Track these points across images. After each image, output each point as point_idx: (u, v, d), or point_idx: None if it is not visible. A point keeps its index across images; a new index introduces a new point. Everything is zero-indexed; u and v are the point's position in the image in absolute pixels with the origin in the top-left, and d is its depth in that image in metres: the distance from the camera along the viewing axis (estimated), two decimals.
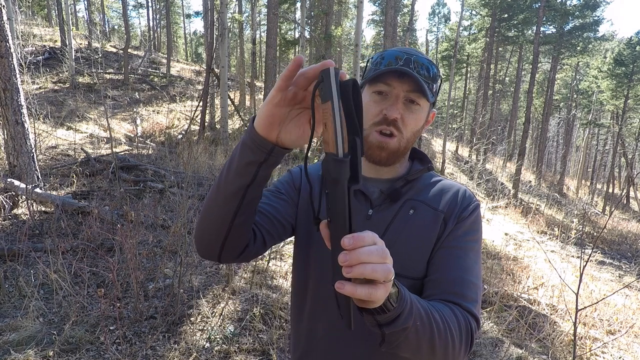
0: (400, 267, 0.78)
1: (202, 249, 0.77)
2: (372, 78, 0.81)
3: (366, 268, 0.46)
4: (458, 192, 0.85)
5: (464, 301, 0.72)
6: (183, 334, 2.61)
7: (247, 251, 0.78)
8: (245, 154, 0.66)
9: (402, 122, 0.80)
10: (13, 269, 3.09)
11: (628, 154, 21.40)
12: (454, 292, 0.73)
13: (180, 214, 3.44)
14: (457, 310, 0.70)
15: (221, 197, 0.70)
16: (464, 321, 0.69)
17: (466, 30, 26.39)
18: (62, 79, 12.81)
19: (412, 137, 0.83)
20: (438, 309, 0.66)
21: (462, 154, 19.56)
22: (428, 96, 0.79)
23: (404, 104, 0.80)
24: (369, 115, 0.82)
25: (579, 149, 35.76)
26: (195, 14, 31.06)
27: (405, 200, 0.83)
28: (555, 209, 13.86)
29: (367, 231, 0.49)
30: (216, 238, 0.73)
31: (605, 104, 24.05)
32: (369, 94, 0.83)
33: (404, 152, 0.85)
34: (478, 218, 0.84)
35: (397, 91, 0.79)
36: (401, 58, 0.79)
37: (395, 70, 0.78)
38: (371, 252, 0.47)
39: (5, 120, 4.24)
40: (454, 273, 0.75)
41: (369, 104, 0.82)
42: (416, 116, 0.82)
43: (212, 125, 12.50)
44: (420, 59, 0.80)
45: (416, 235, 0.80)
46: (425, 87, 0.78)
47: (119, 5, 28.41)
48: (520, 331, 3.41)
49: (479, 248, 0.82)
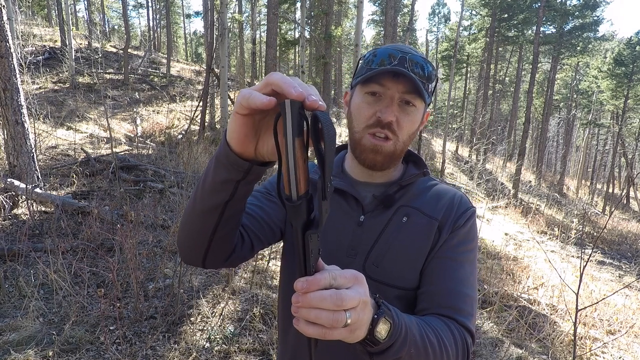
0: (391, 277, 0.75)
1: (185, 257, 0.74)
2: (364, 79, 0.76)
3: (310, 314, 0.45)
4: (453, 198, 0.81)
5: (459, 315, 0.70)
6: (183, 334, 2.61)
7: (234, 257, 0.75)
8: (220, 172, 0.59)
9: (397, 125, 0.75)
10: (13, 269, 3.09)
11: (628, 154, 21.40)
12: (449, 307, 0.71)
13: (180, 214, 3.44)
14: (453, 326, 0.68)
15: (197, 212, 0.65)
16: (460, 338, 0.67)
17: (466, 30, 26.40)
18: (62, 79, 12.80)
19: (408, 139, 0.79)
20: (434, 328, 0.64)
21: (462, 154, 19.56)
22: (425, 97, 0.75)
23: (399, 106, 0.76)
24: (362, 117, 0.77)
25: (579, 149, 35.76)
26: (195, 14, 31.09)
27: (398, 207, 0.80)
28: (555, 209, 13.86)
29: (326, 272, 0.47)
30: (199, 248, 0.69)
31: (605, 104, 24.06)
32: (361, 94, 0.78)
33: (400, 156, 0.81)
34: (474, 226, 0.81)
35: (391, 92, 0.74)
36: (395, 57, 0.74)
37: (389, 71, 0.73)
38: (323, 297, 0.45)
39: (5, 120, 4.24)
40: (448, 285, 0.73)
41: (361, 105, 0.77)
42: (412, 118, 0.77)
43: (212, 125, 12.50)
44: (415, 58, 0.75)
45: (409, 244, 0.76)
46: (422, 87, 0.74)
47: (119, 5, 28.42)
48: (520, 331, 3.41)
49: (474, 258, 0.79)
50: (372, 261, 0.76)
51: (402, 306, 0.74)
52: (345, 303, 0.45)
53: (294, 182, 0.43)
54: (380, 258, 0.76)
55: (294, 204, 0.44)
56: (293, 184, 0.43)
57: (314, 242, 0.46)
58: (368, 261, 0.77)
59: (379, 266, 0.76)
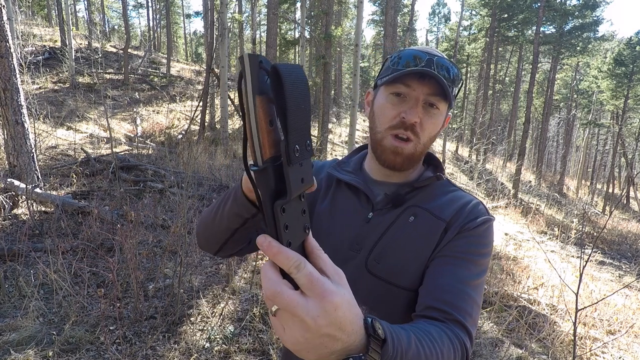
0: (391, 274, 0.75)
1: (201, 246, 0.85)
2: (391, 79, 0.76)
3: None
4: (468, 203, 0.79)
5: (457, 313, 0.65)
6: (183, 334, 2.61)
7: (243, 251, 0.84)
8: (233, 206, 0.69)
9: (420, 127, 0.76)
10: (13, 269, 3.09)
11: (628, 154, 21.40)
12: (447, 302, 0.66)
13: (180, 214, 3.44)
14: (450, 332, 0.61)
15: (216, 224, 0.75)
16: (459, 342, 0.61)
17: (466, 30, 26.39)
18: (62, 79, 12.80)
19: (429, 142, 0.79)
20: (432, 340, 0.56)
21: (462, 154, 19.57)
22: (450, 100, 0.75)
23: (423, 108, 0.76)
24: (385, 118, 0.77)
25: (579, 149, 35.76)
26: (195, 14, 31.11)
27: (407, 207, 0.79)
28: (555, 209, 13.86)
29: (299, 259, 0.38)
30: (213, 245, 0.81)
31: (605, 104, 24.04)
32: (385, 95, 0.78)
33: (419, 158, 0.81)
34: (487, 233, 0.76)
35: (417, 93, 0.75)
36: (422, 59, 0.74)
37: (417, 72, 0.73)
38: (266, 277, 0.39)
39: (5, 120, 4.24)
40: (449, 282, 0.69)
41: (386, 105, 0.78)
42: (435, 121, 0.77)
43: (212, 125, 12.51)
44: (442, 60, 0.75)
45: (413, 242, 0.75)
46: (448, 90, 0.74)
47: (119, 5, 28.41)
48: (520, 331, 3.41)
49: (483, 264, 0.74)
50: (374, 257, 0.76)
51: (402, 307, 0.74)
52: (281, 304, 0.38)
53: (258, 145, 0.39)
54: (382, 254, 0.76)
55: (258, 169, 0.39)
56: (257, 147, 0.39)
57: (288, 215, 0.40)
58: (370, 257, 0.77)
59: (380, 262, 0.76)
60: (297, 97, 0.39)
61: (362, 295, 0.71)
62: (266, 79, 0.39)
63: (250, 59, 0.37)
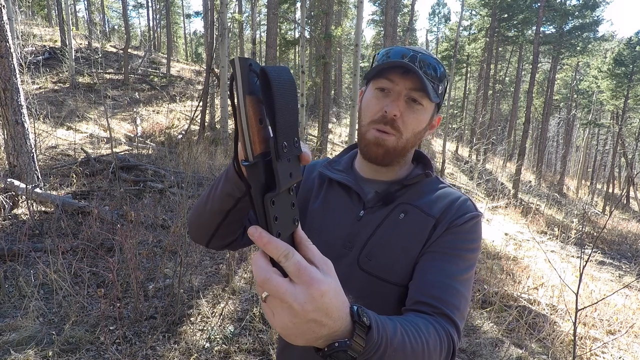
0: (382, 270, 0.76)
1: (193, 237, 0.85)
2: (375, 73, 0.78)
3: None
4: (457, 200, 0.80)
5: (445, 307, 0.66)
6: (183, 334, 2.61)
7: (235, 244, 0.84)
8: (225, 185, 0.69)
9: (401, 122, 0.77)
10: (13, 269, 3.09)
11: (628, 154, 21.40)
12: (433, 296, 0.67)
13: (180, 214, 3.44)
14: (437, 324, 0.62)
15: (207, 209, 0.76)
16: (445, 334, 0.61)
17: (466, 30, 26.39)
18: (62, 79, 12.80)
19: (413, 138, 0.80)
20: (418, 330, 0.56)
21: (462, 154, 19.57)
22: (431, 96, 0.75)
23: (406, 102, 0.77)
24: (369, 112, 0.79)
25: (579, 149, 35.76)
26: (195, 14, 31.09)
27: (398, 204, 0.80)
28: (555, 209, 13.86)
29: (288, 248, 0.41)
30: (204, 234, 0.81)
31: (605, 104, 24.04)
32: (372, 90, 0.80)
33: (403, 153, 0.81)
34: (475, 229, 0.77)
35: (399, 88, 0.76)
36: (406, 55, 0.76)
37: (399, 66, 0.75)
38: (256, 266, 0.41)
39: (5, 120, 4.24)
40: (437, 277, 0.70)
41: (371, 100, 0.80)
42: (417, 116, 0.78)
43: (212, 125, 12.51)
44: (427, 58, 0.77)
45: (403, 239, 0.76)
46: (429, 86, 0.75)
47: (119, 5, 28.41)
48: (520, 331, 3.41)
49: (471, 259, 0.75)
50: (365, 254, 0.78)
51: (394, 303, 0.75)
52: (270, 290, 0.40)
53: (248, 141, 0.42)
54: (373, 251, 0.78)
55: (249, 164, 0.43)
56: (248, 143, 0.42)
57: (278, 207, 0.43)
58: (362, 254, 0.78)
59: (372, 259, 0.77)
60: (285, 97, 0.42)
61: (355, 292, 0.74)
62: (256, 80, 0.42)
63: (240, 62, 0.41)
